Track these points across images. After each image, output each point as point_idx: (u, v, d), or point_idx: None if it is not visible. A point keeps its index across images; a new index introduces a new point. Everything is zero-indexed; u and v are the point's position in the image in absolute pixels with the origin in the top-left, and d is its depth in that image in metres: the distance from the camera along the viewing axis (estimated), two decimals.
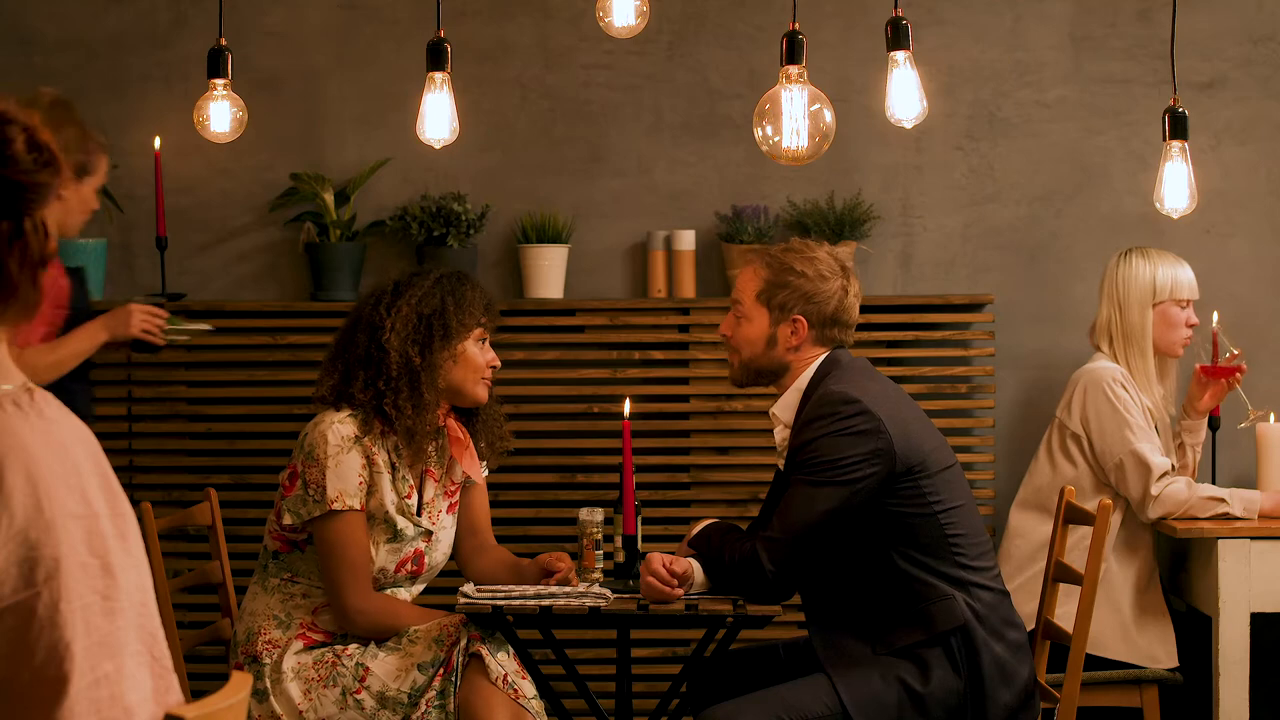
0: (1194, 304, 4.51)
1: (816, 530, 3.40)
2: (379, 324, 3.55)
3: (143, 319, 4.02)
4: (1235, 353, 4.61)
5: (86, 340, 4.01)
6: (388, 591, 3.59)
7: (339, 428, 3.50)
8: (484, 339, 3.63)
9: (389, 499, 3.53)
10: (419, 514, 3.59)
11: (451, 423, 3.65)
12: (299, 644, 3.49)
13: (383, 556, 3.54)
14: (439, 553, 3.65)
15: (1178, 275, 4.47)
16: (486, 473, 3.79)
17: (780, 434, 3.57)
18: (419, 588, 3.68)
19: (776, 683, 3.48)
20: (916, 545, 3.41)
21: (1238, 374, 4.59)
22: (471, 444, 3.69)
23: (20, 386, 1.80)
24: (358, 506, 3.48)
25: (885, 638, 3.41)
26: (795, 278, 3.54)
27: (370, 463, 3.51)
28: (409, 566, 3.59)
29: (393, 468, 3.54)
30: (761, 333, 3.56)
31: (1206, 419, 4.66)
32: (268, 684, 3.44)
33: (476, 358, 3.61)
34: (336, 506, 3.46)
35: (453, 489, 3.68)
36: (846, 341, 3.59)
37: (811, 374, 3.54)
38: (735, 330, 3.60)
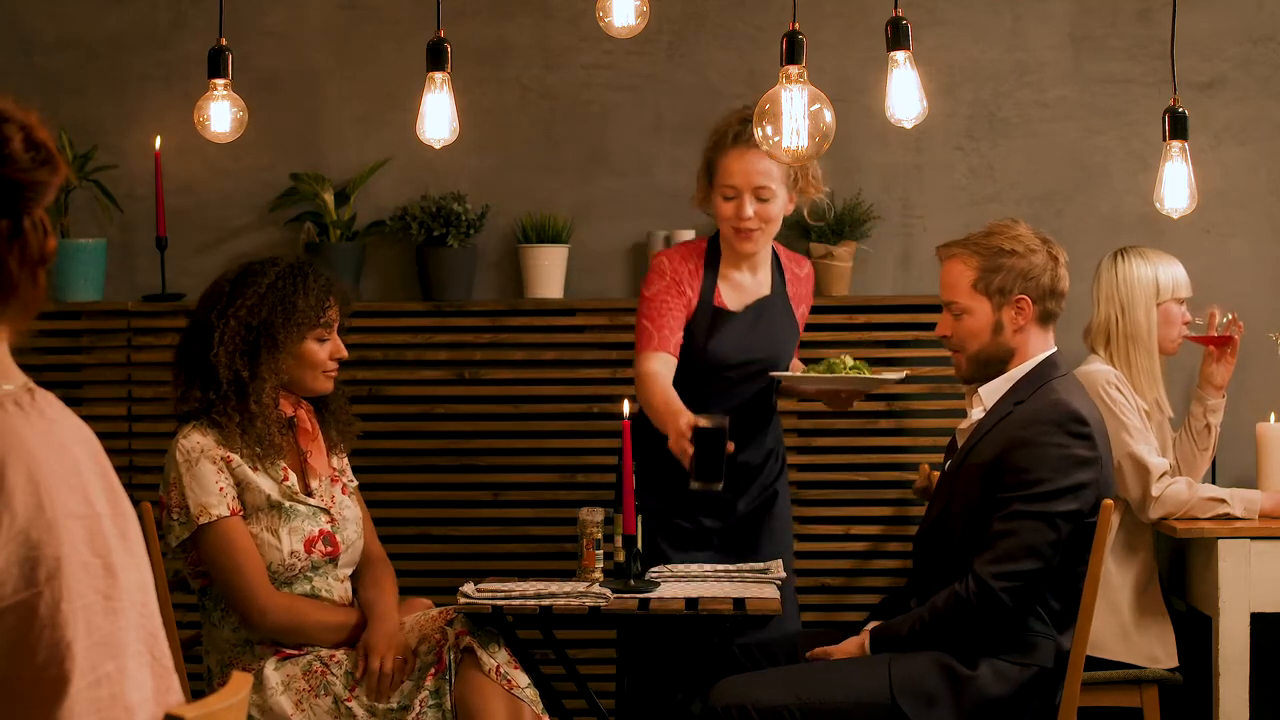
0: (1187, 301, 4.52)
1: (1042, 555, 3.38)
2: (209, 335, 3.50)
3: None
4: (1231, 317, 4.61)
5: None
6: (312, 577, 3.53)
7: (184, 443, 3.47)
8: (324, 338, 3.58)
9: (266, 486, 3.49)
10: (308, 494, 3.55)
11: (301, 414, 3.62)
12: (273, 658, 3.47)
13: (287, 541, 3.48)
14: (350, 531, 3.59)
15: (1177, 274, 4.47)
16: (351, 476, 3.71)
17: (976, 415, 3.55)
18: (344, 571, 3.61)
19: None
20: (1053, 584, 3.42)
21: (1237, 332, 4.59)
22: (320, 435, 3.65)
23: (21, 386, 1.80)
24: (226, 513, 3.44)
25: (980, 645, 3.40)
26: (1008, 258, 3.52)
27: (227, 465, 3.46)
28: (321, 547, 3.53)
29: (258, 458, 3.50)
30: (986, 322, 3.55)
31: (1224, 395, 4.64)
32: (252, 712, 3.42)
33: (316, 354, 3.56)
34: (203, 520, 3.43)
35: (337, 477, 3.64)
36: (1059, 312, 3.58)
37: (1030, 369, 3.53)
38: (955, 328, 3.58)
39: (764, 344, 4.02)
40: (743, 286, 4.03)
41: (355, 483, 3.72)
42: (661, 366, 3.89)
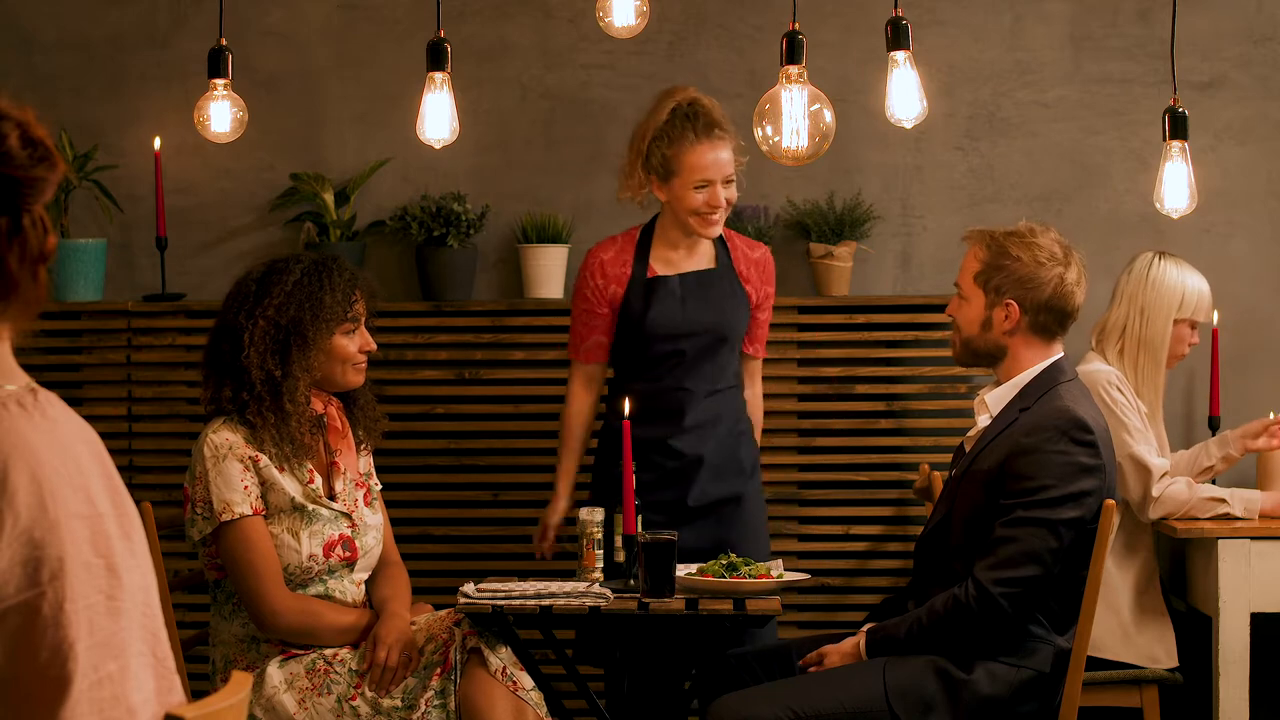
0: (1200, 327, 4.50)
1: (1043, 562, 3.38)
2: (239, 336, 3.50)
3: None
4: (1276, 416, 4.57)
5: None
6: (328, 579, 3.54)
7: (213, 438, 3.47)
8: (352, 331, 3.58)
9: (291, 488, 3.49)
10: (332, 499, 3.56)
11: (332, 411, 3.62)
12: (278, 658, 3.47)
13: (307, 544, 3.49)
14: (369, 538, 3.60)
15: (1203, 295, 4.42)
16: (377, 480, 3.72)
17: (983, 422, 3.56)
18: (360, 575, 3.62)
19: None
20: (1054, 588, 3.41)
21: None
22: (350, 433, 3.65)
23: (24, 387, 1.80)
24: (249, 511, 3.44)
25: (977, 648, 3.40)
26: (1011, 262, 3.52)
27: (254, 464, 3.46)
28: (340, 552, 3.54)
29: (286, 459, 3.50)
30: (977, 314, 3.56)
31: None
32: (255, 712, 3.42)
33: (345, 348, 3.56)
34: (226, 517, 3.43)
35: (363, 482, 3.65)
36: (1063, 331, 3.56)
37: (1035, 374, 3.53)
38: (957, 311, 3.61)
39: (706, 312, 4.13)
40: (679, 261, 4.16)
41: (380, 486, 3.72)
42: (582, 387, 4.24)
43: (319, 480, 3.55)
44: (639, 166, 4.11)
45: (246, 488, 3.45)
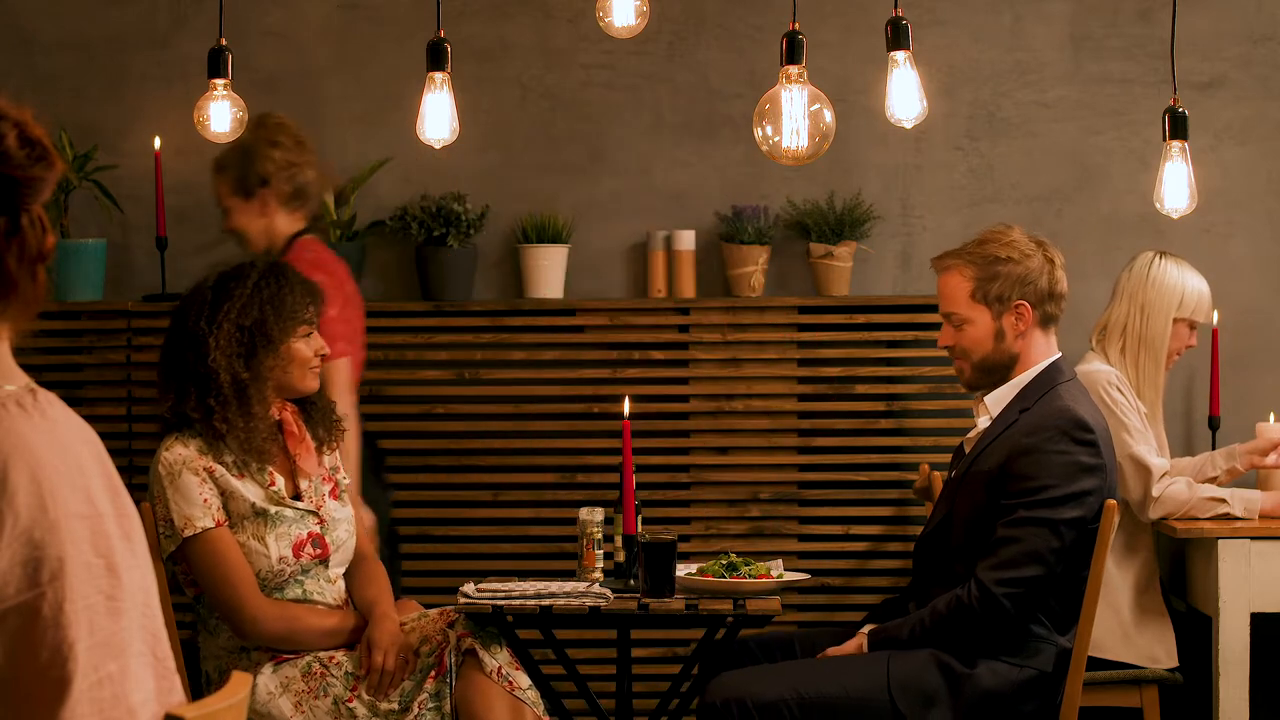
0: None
1: (1045, 562, 3.38)
2: (203, 340, 3.49)
3: None
4: None
5: None
6: (304, 580, 3.53)
7: (166, 456, 3.46)
8: (308, 334, 3.58)
9: (251, 494, 3.47)
10: (297, 498, 3.54)
11: (287, 416, 3.60)
12: (270, 664, 3.46)
13: (274, 547, 3.47)
14: (340, 532, 3.58)
15: (1203, 296, 4.43)
16: (345, 474, 3.71)
17: (982, 423, 3.56)
18: (336, 571, 3.60)
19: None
20: (1056, 587, 3.41)
21: None
22: (308, 436, 3.64)
23: (24, 387, 1.80)
24: (211, 524, 3.43)
25: (980, 647, 3.40)
26: (1003, 265, 3.53)
27: (210, 475, 3.45)
28: (310, 550, 3.52)
29: (244, 465, 3.49)
30: (987, 331, 3.55)
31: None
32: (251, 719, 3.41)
33: (303, 352, 3.56)
34: (188, 533, 3.42)
35: (330, 478, 3.63)
36: (1060, 314, 3.58)
37: (1035, 375, 3.53)
38: (957, 338, 3.58)
39: None
40: None
41: (348, 480, 3.72)
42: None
43: (281, 482, 3.53)
44: None
45: (206, 500, 3.44)
